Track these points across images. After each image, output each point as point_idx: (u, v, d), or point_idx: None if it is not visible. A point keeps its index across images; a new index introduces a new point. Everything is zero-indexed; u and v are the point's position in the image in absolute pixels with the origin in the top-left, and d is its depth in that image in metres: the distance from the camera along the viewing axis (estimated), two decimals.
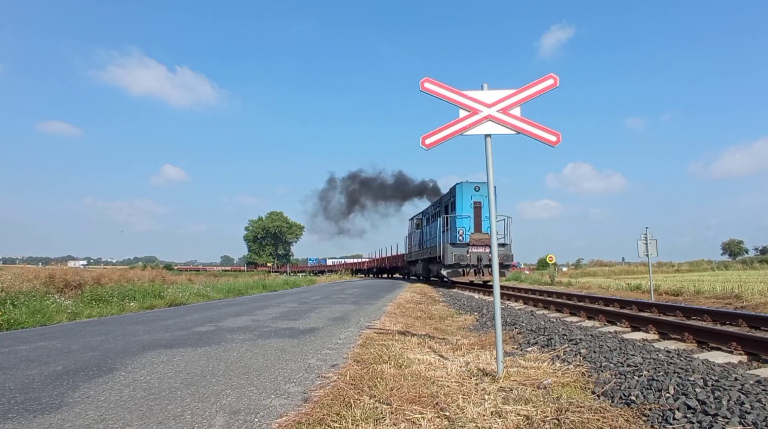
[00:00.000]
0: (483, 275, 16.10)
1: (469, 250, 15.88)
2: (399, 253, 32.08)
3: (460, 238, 16.13)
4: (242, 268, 79.32)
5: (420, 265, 23.25)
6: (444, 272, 16.25)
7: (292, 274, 54.56)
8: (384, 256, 37.39)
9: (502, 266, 15.69)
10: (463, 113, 3.53)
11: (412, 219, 26.55)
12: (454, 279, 16.13)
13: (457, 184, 16.99)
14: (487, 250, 15.49)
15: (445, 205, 18.42)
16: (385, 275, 40.17)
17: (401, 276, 34.43)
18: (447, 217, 17.30)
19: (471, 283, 16.83)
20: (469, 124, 3.50)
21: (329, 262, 65.24)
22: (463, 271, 16.06)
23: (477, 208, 16.45)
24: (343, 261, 61.46)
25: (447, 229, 16.92)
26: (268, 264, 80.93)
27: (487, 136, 3.57)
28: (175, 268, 59.91)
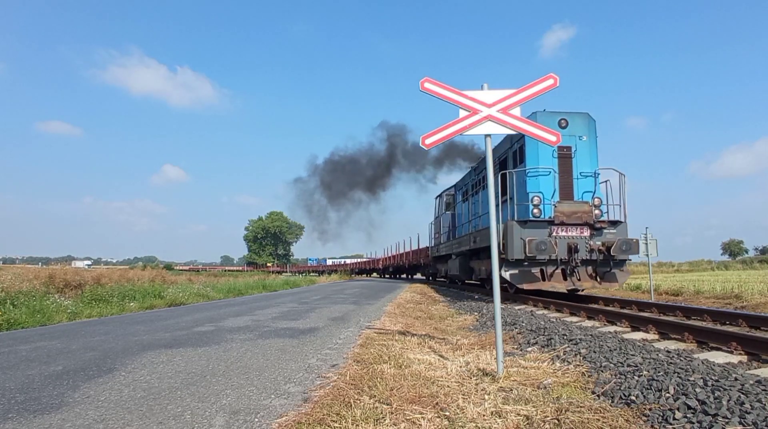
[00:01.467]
0: (578, 279, 8.77)
1: (554, 234, 8.74)
2: (421, 248, 24.14)
3: (536, 211, 8.91)
4: (250, 268, 78.31)
5: (455, 263, 14.80)
6: (505, 273, 8.89)
7: (292, 274, 54.19)
8: (400, 252, 29.94)
9: (615, 264, 8.86)
10: (463, 113, 3.53)
11: (440, 196, 18.42)
12: (526, 286, 8.86)
13: (527, 116, 8.53)
14: (586, 232, 8.77)
15: (501, 159, 10.77)
16: (403, 276, 32.26)
17: (424, 277, 25.71)
18: (508, 176, 9.58)
19: (550, 292, 9.50)
20: (469, 124, 3.50)
21: (329, 262, 65.05)
22: (543, 271, 8.87)
23: (564, 157, 9.08)
24: (343, 261, 61.25)
25: (509, 198, 9.34)
26: (269, 264, 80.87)
27: (487, 136, 3.57)
28: (175, 268, 59.74)
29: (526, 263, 8.80)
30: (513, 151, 10.16)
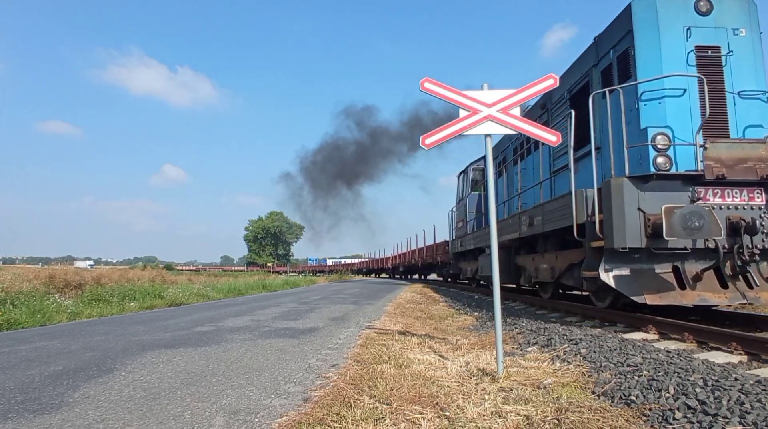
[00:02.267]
0: (752, 284, 4.64)
1: (705, 197, 4.79)
2: (438, 242, 20.14)
3: (661, 161, 4.82)
4: (256, 268, 77.79)
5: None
6: (606, 276, 4.91)
7: (297, 274, 53.87)
8: (412, 248, 26.46)
9: None
10: (463, 113, 3.53)
11: (464, 172, 13.64)
12: (648, 298, 4.71)
13: None
14: (761, 197, 4.82)
15: (578, 87, 6.60)
16: (416, 276, 28.66)
17: (441, 278, 21.64)
18: (595, 104, 5.49)
19: (696, 307, 5.85)
20: (469, 124, 3.50)
21: (329, 262, 64.97)
22: (680, 271, 4.80)
23: (710, 65, 5.04)
24: (343, 261, 61.22)
25: (604, 145, 5.46)
26: (269, 264, 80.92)
27: (487, 136, 3.58)
28: (175, 268, 59.58)
29: (637, 256, 4.90)
30: (607, 65, 5.83)
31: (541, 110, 8.12)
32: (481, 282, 12.86)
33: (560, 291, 8.37)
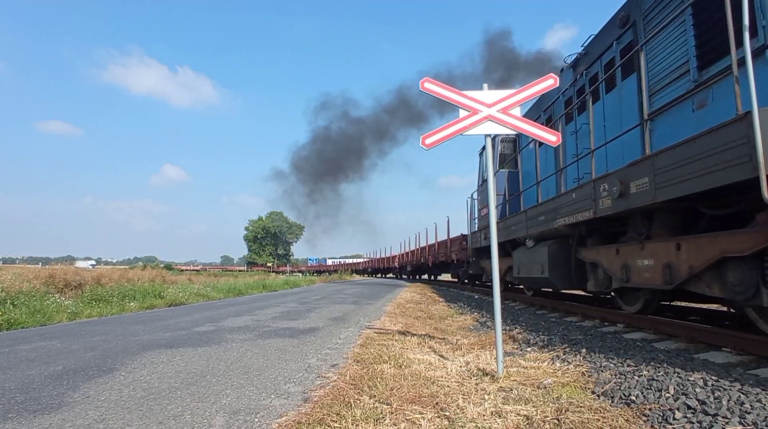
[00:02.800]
0: None
1: None
2: (453, 237, 17.49)
3: None
4: (258, 268, 77.45)
5: (533, 255, 7.23)
6: None
7: (302, 274, 53.62)
8: (421, 245, 23.97)
9: None
10: (463, 113, 3.54)
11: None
12: None
13: None
14: None
15: None
16: (425, 276, 26.26)
17: (457, 279, 18.20)
18: None
19: None
20: (470, 124, 3.50)
21: (330, 262, 64.96)
22: None
23: None
24: (343, 261, 61.21)
25: None
26: (268, 264, 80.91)
27: (487, 135, 3.58)
28: (175, 268, 59.40)
29: None
30: None
31: (621, 28, 5.49)
32: (513, 285, 9.85)
33: (661, 303, 5.39)
